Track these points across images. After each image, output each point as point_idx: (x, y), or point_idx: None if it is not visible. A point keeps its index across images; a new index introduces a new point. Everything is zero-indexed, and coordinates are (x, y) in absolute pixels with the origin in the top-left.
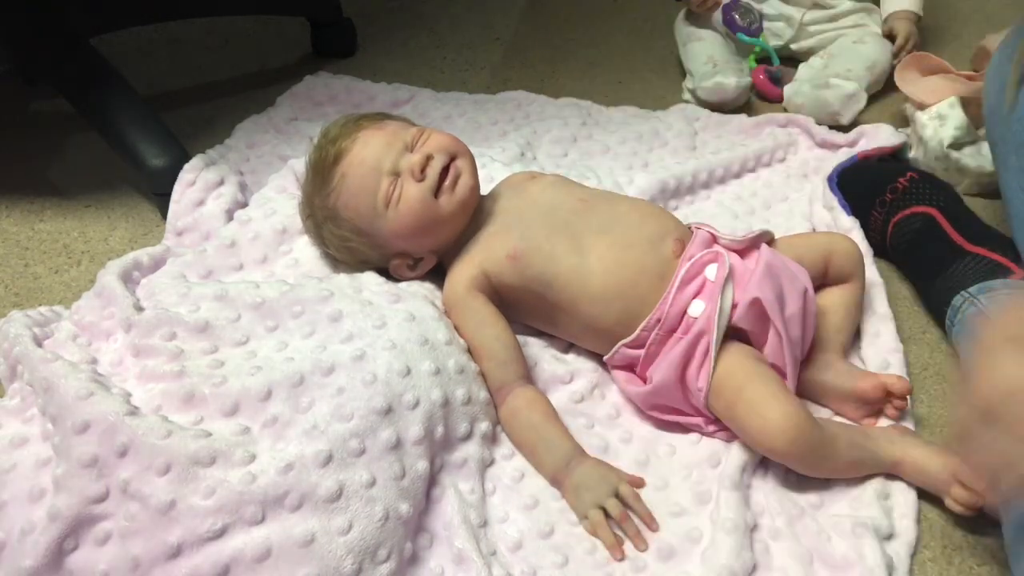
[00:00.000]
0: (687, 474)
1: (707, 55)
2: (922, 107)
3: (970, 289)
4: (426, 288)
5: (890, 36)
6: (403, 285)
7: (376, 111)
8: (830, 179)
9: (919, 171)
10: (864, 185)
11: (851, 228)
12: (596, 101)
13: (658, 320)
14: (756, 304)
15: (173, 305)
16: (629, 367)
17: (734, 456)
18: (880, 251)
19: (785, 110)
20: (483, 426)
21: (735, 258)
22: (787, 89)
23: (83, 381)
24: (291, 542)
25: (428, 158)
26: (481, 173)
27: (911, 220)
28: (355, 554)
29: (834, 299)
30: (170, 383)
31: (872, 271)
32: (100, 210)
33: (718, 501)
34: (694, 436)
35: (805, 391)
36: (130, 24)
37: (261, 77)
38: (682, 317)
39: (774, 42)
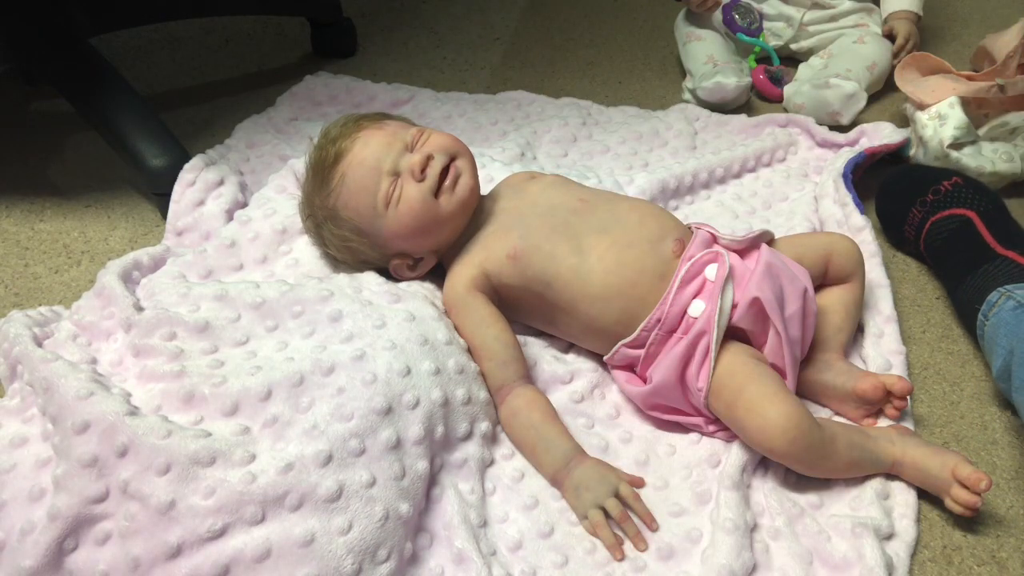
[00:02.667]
0: (687, 474)
1: (707, 55)
2: (922, 107)
3: (1008, 286)
4: (426, 288)
5: (890, 36)
6: (403, 285)
7: (376, 111)
8: (845, 176)
9: (965, 176)
10: (908, 183)
11: (863, 227)
12: (596, 101)
13: (658, 320)
14: (756, 304)
15: (173, 305)
16: (629, 367)
17: (734, 456)
18: (913, 248)
19: (785, 110)
20: (483, 426)
21: (735, 258)
22: (787, 89)
23: (83, 381)
24: (291, 542)
25: (428, 158)
26: (481, 173)
27: (948, 221)
28: (355, 554)
29: (834, 299)
30: (170, 383)
31: (879, 272)
32: (100, 210)
33: (718, 501)
34: (694, 436)
35: (805, 391)
36: (130, 24)
37: (261, 77)
38: (682, 317)
39: (774, 42)
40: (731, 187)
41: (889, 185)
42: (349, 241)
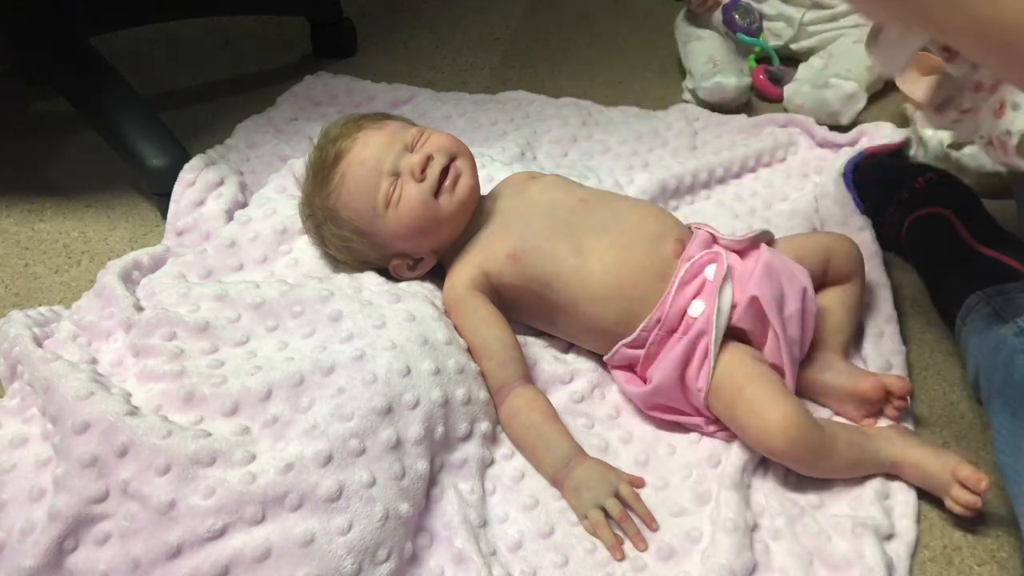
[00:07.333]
0: (687, 474)
1: (707, 55)
2: (922, 107)
3: (987, 290)
4: (426, 288)
5: None
6: (403, 285)
7: (376, 111)
8: (845, 176)
9: (939, 171)
10: (883, 182)
11: (863, 227)
12: (596, 101)
13: (658, 320)
14: (755, 304)
15: (173, 305)
16: (629, 367)
17: (734, 456)
18: (896, 247)
19: (785, 110)
20: (483, 426)
21: (735, 258)
22: (787, 89)
23: (83, 381)
24: (291, 542)
25: (428, 158)
26: (481, 173)
27: (925, 220)
28: (355, 554)
29: (834, 299)
30: (170, 383)
31: (879, 272)
32: (100, 210)
33: (718, 501)
34: (694, 436)
35: (805, 391)
36: (130, 24)
37: (261, 77)
38: (682, 317)
39: (774, 42)
40: (731, 187)
41: (864, 185)
42: (349, 241)
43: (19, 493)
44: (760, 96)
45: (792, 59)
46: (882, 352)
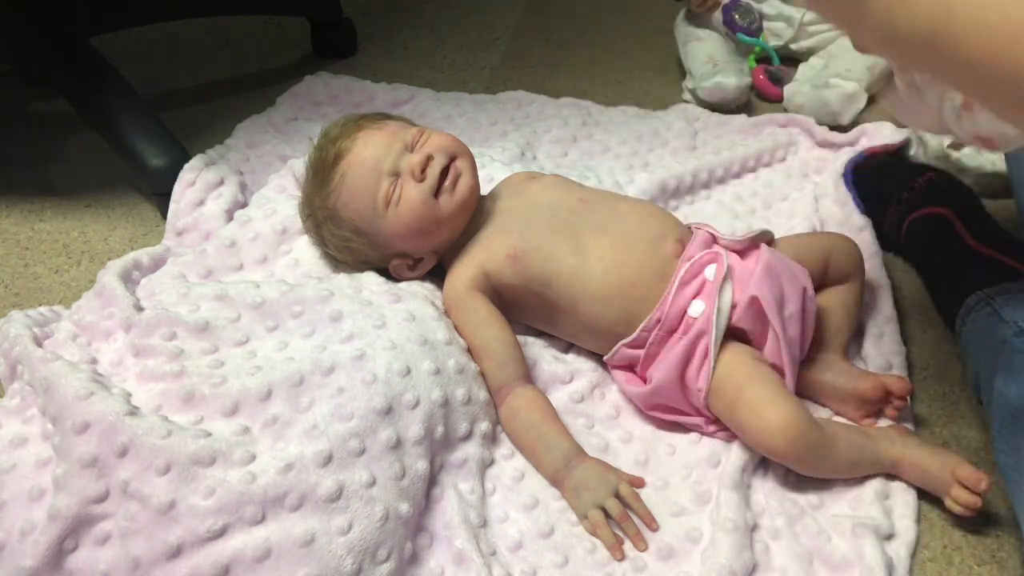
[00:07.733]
0: (687, 474)
1: (707, 55)
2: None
3: (987, 290)
4: (426, 288)
5: None
6: (403, 285)
7: (376, 111)
8: (845, 176)
9: (938, 170)
10: (883, 182)
11: (863, 227)
12: (596, 101)
13: (658, 320)
14: (755, 303)
15: (173, 305)
16: (629, 367)
17: (734, 456)
18: (896, 248)
19: (785, 110)
20: (483, 426)
21: (735, 258)
22: (787, 89)
23: (83, 381)
24: (291, 542)
25: (428, 158)
26: (481, 173)
27: (925, 220)
28: (355, 554)
29: (834, 299)
30: (170, 383)
31: (879, 272)
32: (100, 210)
33: (718, 501)
34: (694, 436)
35: (805, 391)
36: (130, 24)
37: (261, 77)
38: (682, 317)
39: (774, 42)
40: (731, 187)
41: (864, 185)
42: (349, 241)
43: (19, 493)
44: (760, 96)
45: (792, 59)
46: (882, 352)
